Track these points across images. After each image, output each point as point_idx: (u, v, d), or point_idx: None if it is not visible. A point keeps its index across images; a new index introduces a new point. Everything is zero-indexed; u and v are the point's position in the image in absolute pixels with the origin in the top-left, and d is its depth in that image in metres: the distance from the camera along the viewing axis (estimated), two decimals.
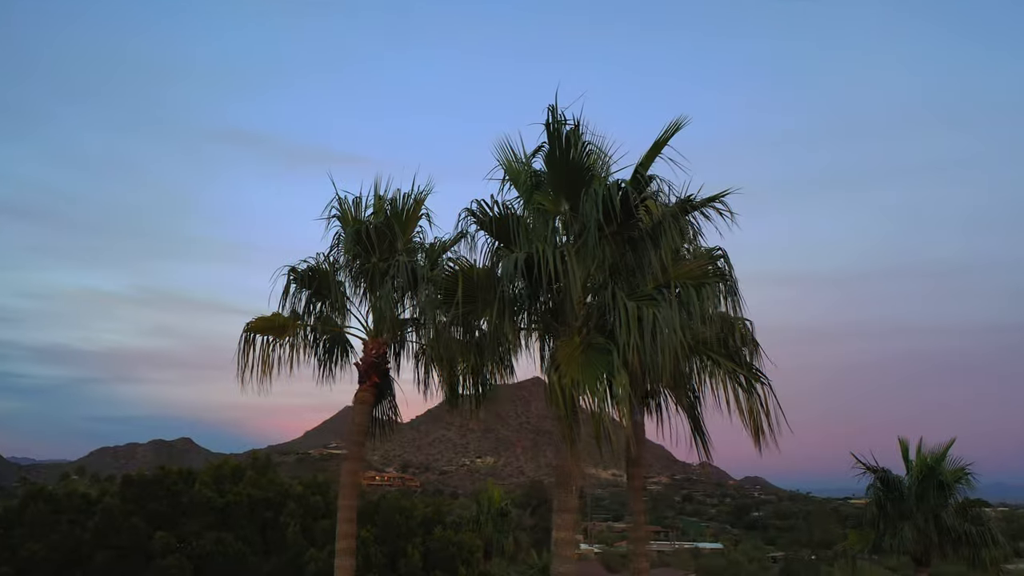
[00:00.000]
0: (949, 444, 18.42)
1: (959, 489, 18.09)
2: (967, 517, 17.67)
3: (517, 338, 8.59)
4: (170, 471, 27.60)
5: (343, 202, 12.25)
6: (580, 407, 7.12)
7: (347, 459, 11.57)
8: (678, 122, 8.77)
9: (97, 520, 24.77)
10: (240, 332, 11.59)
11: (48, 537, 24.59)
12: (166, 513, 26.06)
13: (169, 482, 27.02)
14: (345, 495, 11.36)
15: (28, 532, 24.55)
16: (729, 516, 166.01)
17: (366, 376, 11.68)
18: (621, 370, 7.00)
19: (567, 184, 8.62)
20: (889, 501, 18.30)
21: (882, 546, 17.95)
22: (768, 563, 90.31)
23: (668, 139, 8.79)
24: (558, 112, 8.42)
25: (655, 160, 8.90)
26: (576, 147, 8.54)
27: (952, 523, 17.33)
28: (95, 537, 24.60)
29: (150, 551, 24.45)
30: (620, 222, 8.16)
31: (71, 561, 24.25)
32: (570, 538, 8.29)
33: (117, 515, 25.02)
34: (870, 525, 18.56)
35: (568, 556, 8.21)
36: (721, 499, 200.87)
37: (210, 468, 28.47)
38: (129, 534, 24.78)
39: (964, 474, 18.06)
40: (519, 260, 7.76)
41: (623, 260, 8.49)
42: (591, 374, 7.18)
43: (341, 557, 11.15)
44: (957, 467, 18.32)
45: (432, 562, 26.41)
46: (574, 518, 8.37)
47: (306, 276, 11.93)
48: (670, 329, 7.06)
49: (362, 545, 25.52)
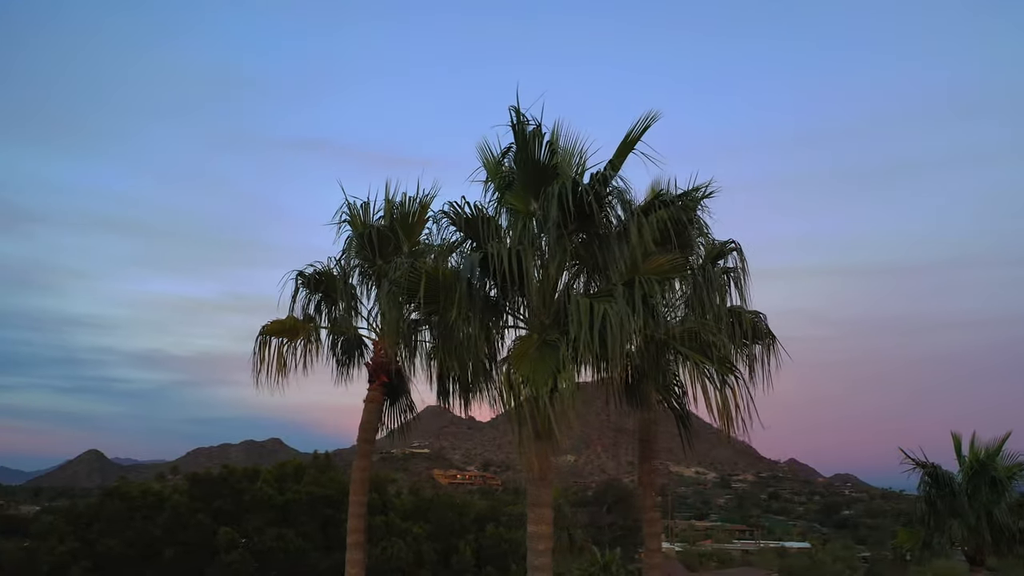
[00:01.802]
0: (1004, 438, 17.51)
1: (1015, 485, 17.19)
2: (1022, 515, 16.78)
3: (495, 337, 8.74)
4: (234, 470, 28.85)
5: (352, 207, 12.65)
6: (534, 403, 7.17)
7: (357, 456, 11.95)
8: (648, 118, 8.74)
9: (166, 517, 26.14)
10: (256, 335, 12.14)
11: (123, 533, 26.08)
12: (230, 510, 27.25)
13: (233, 481, 28.24)
14: (355, 491, 11.74)
15: (105, 528, 26.12)
16: (818, 515, 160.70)
17: (375, 376, 12.04)
18: (568, 364, 7.08)
19: (533, 183, 8.73)
20: (939, 498, 17.53)
21: (931, 545, 17.23)
22: (857, 563, 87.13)
23: (639, 136, 8.75)
24: (523, 113, 8.54)
25: (628, 157, 8.89)
26: (539, 147, 8.66)
27: (1005, 521, 16.46)
28: (165, 533, 25.97)
29: (215, 546, 25.62)
30: (582, 220, 8.21)
31: (143, 556, 25.67)
32: (545, 532, 8.37)
33: (184, 512, 26.34)
34: (920, 523, 17.83)
35: (543, 550, 8.31)
36: (809, 497, 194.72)
37: (273, 467, 29.59)
38: (196, 530, 26.06)
39: (1020, 469, 17.15)
40: (475, 260, 7.94)
41: (591, 257, 8.54)
42: (542, 369, 7.29)
43: (352, 551, 11.54)
44: (1014, 462, 17.42)
45: (485, 558, 26.76)
46: (549, 512, 8.46)
47: (313, 280, 12.40)
48: (618, 324, 7.08)
49: (414, 542, 26.11)
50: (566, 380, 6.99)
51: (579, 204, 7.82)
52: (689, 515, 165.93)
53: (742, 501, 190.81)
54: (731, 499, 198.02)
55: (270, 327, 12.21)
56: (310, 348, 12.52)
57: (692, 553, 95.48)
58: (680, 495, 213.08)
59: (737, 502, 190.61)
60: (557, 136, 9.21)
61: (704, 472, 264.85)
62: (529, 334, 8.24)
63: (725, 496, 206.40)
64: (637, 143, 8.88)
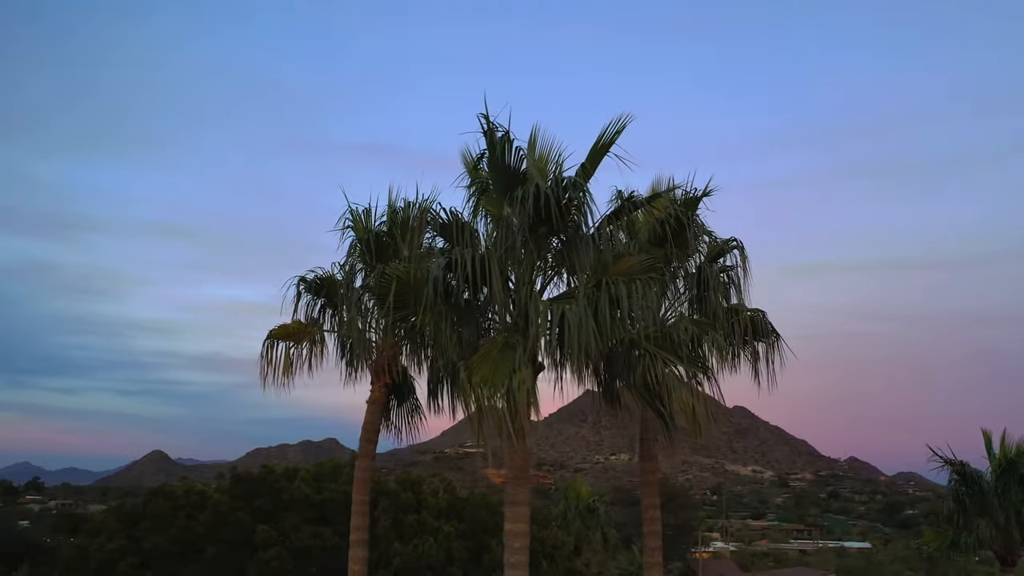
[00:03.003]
0: None
1: None
2: None
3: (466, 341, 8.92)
4: (273, 470, 29.65)
5: (354, 212, 12.96)
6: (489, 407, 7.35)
7: (359, 456, 12.30)
8: (620, 122, 8.82)
9: (208, 515, 27.02)
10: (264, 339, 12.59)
11: (168, 531, 27.06)
12: (269, 509, 28.02)
13: (272, 480, 29.03)
14: (358, 490, 12.10)
15: (151, 526, 27.13)
16: (880, 514, 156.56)
17: (377, 377, 12.35)
18: (524, 366, 7.24)
19: (505, 188, 8.87)
20: (968, 497, 17.12)
21: (959, 544, 16.82)
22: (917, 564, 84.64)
23: (612, 139, 8.85)
24: (492, 120, 8.68)
25: (603, 160, 8.99)
26: (509, 153, 8.80)
27: None
28: (207, 531, 26.84)
29: (254, 544, 26.41)
30: (552, 224, 8.33)
31: (187, 553, 26.60)
32: (522, 530, 8.55)
33: (225, 510, 27.19)
34: (947, 522, 17.43)
35: (519, 547, 8.49)
36: (871, 496, 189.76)
37: (311, 467, 30.33)
38: (236, 528, 26.88)
39: None
40: (440, 265, 8.15)
41: (565, 260, 8.67)
42: (500, 371, 7.45)
43: (355, 548, 11.89)
44: None
45: None
46: (526, 510, 8.63)
47: (314, 285, 12.76)
48: (576, 325, 7.20)
49: (445, 540, 26.46)
50: (519, 381, 7.15)
51: (547, 208, 7.96)
52: (745, 514, 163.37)
53: (800, 500, 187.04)
54: (788, 498, 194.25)
55: (277, 331, 12.63)
56: (315, 351, 12.90)
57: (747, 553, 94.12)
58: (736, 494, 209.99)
59: (795, 501, 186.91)
60: (535, 140, 9.38)
61: (760, 471, 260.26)
62: (495, 336, 8.43)
63: (783, 495, 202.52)
64: (611, 146, 8.96)
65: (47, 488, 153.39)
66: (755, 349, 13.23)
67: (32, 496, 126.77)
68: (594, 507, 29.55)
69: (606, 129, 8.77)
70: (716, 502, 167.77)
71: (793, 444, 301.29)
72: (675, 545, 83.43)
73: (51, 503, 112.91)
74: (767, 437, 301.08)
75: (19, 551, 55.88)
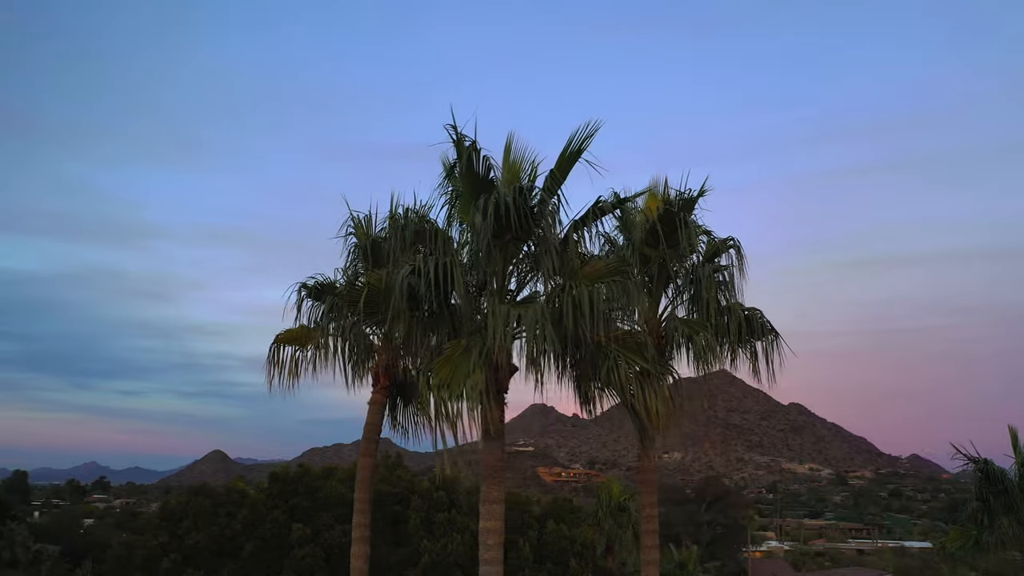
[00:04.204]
0: None
1: None
2: None
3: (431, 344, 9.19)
4: (309, 469, 30.44)
5: (356, 219, 13.38)
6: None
7: (360, 455, 12.69)
8: (589, 128, 8.97)
9: (245, 513, 27.90)
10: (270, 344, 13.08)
11: (208, 528, 28.01)
12: (305, 507, 28.80)
13: (308, 479, 29.82)
14: (360, 488, 12.50)
15: (192, 524, 28.12)
16: (943, 513, 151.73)
17: (377, 379, 12.73)
18: (478, 369, 7.47)
19: (475, 196, 9.12)
20: (991, 495, 16.72)
21: (981, 544, 16.44)
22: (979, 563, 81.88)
23: (581, 146, 9.01)
24: (460, 130, 8.91)
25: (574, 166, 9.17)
26: (477, 162, 9.03)
27: None
28: (244, 528, 27.73)
29: (290, 542, 27.18)
30: (519, 231, 8.54)
31: (226, 550, 27.51)
32: (496, 527, 8.78)
33: (262, 509, 28.04)
34: (971, 521, 17.05)
35: (492, 544, 8.72)
36: (934, 494, 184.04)
37: (347, 466, 31.04)
38: (272, 526, 27.69)
39: None
40: (405, 272, 8.43)
41: (527, 265, 8.88)
42: (459, 374, 7.70)
43: (356, 544, 12.30)
44: None
45: (544, 555, 27.17)
46: (500, 508, 8.85)
47: (315, 290, 13.18)
48: (532, 328, 7.41)
49: (473, 538, 26.84)
50: (470, 384, 7.39)
51: (507, 216, 8.17)
52: (802, 513, 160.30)
53: (859, 499, 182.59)
54: (847, 497, 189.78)
55: (282, 335, 13.11)
56: (319, 354, 13.33)
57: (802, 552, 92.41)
58: (793, 492, 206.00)
59: (854, 500, 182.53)
60: (510, 147, 9.60)
61: (818, 469, 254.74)
62: (458, 340, 8.68)
63: (841, 493, 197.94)
64: (582, 153, 9.14)
65: (112, 487, 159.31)
66: (753, 348, 13.26)
67: (98, 495, 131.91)
68: (625, 506, 29.54)
69: (573, 137, 8.95)
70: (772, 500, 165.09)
71: (852, 441, 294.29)
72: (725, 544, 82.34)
73: (115, 502, 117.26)
74: (824, 434, 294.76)
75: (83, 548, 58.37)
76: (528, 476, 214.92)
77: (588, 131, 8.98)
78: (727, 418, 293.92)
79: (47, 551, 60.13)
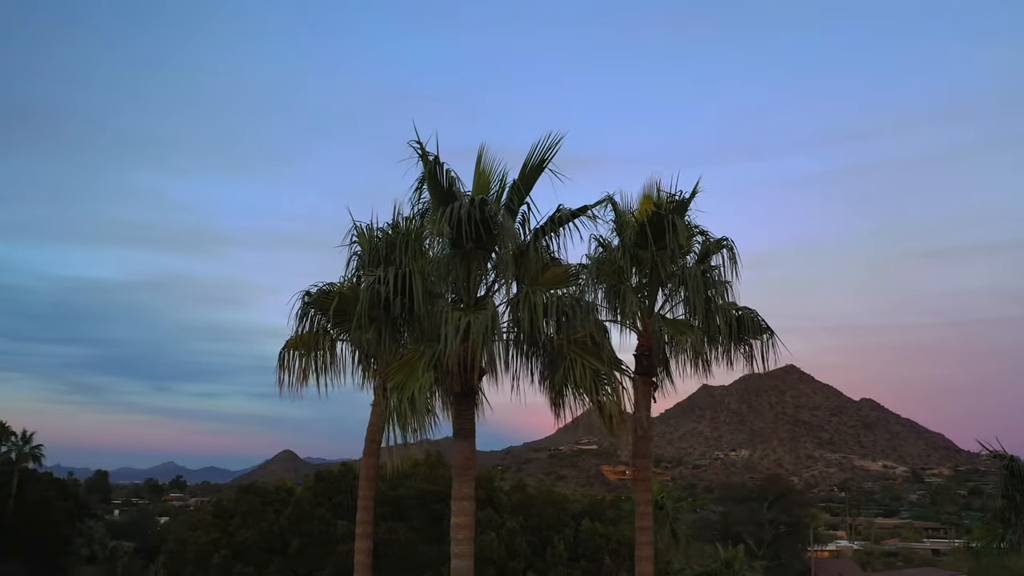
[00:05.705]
0: None
1: None
2: None
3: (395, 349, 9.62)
4: (352, 467, 31.42)
5: (359, 227, 13.92)
6: None
7: (364, 455, 13.25)
8: (550, 139, 9.30)
9: (291, 510, 29.01)
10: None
11: (257, 525, 29.22)
12: (348, 504, 29.76)
13: (351, 477, 30.79)
14: (363, 487, 13.07)
15: (241, 521, 29.38)
16: None
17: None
18: (426, 372, 7.88)
19: (441, 207, 9.55)
20: (1018, 492, 16.32)
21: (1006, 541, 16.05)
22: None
23: (544, 157, 9.34)
24: (424, 146, 9.34)
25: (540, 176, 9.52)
26: (441, 174, 9.44)
27: None
28: (291, 525, 28.84)
29: (334, 538, 28.15)
30: (481, 239, 8.92)
31: (273, 546, 28.66)
32: (466, 523, 9.18)
33: (307, 506, 29.10)
34: (997, 518, 16.65)
35: (462, 539, 9.13)
36: None
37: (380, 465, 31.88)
38: (317, 523, 28.72)
39: None
40: (368, 281, 8.90)
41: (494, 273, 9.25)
42: (412, 377, 8.12)
43: (360, 540, 12.88)
44: None
45: (579, 552, 27.46)
46: (470, 504, 9.25)
47: (318, 298, 13.78)
48: (480, 333, 7.79)
49: (508, 535, 27.29)
50: (419, 386, 7.82)
51: (460, 226, 8.58)
52: (875, 512, 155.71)
53: (936, 497, 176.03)
54: (924, 495, 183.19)
55: (291, 341, 13.74)
56: (327, 359, 13.93)
57: (872, 552, 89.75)
58: (866, 491, 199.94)
59: (930, 498, 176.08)
60: (481, 158, 10.01)
61: (892, 466, 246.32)
62: (417, 345, 9.12)
63: (917, 492, 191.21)
64: (546, 164, 9.48)
65: (188, 486, 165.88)
66: (749, 346, 13.37)
67: (175, 494, 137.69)
68: (662, 504, 29.52)
69: (535, 149, 9.30)
70: (843, 499, 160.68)
71: (928, 437, 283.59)
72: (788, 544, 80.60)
73: (191, 500, 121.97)
74: (898, 430, 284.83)
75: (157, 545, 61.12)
76: (592, 474, 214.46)
77: (550, 142, 9.32)
78: (796, 414, 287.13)
79: (123, 548, 63.19)
